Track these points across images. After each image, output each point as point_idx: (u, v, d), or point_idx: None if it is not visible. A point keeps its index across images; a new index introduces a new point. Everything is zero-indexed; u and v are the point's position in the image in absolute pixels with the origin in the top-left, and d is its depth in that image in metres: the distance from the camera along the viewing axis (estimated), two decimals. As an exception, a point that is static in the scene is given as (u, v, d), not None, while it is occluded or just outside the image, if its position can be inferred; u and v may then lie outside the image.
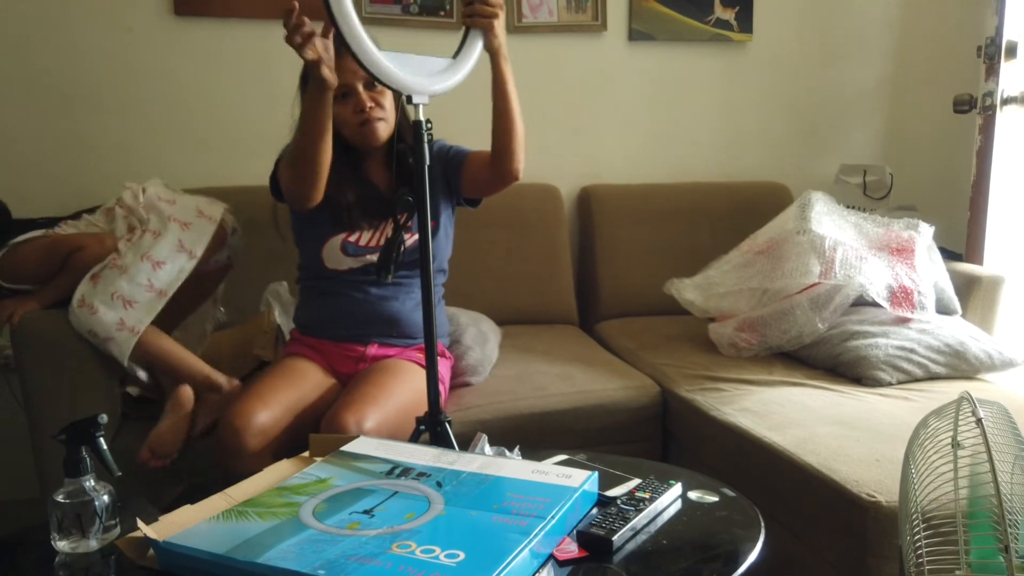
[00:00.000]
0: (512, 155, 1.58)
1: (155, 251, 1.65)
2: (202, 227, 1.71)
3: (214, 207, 1.78)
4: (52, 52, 2.18)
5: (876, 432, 1.48)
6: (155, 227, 1.69)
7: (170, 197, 1.78)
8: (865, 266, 1.94)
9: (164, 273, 1.65)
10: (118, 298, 1.59)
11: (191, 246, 1.69)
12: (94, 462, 1.01)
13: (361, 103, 1.62)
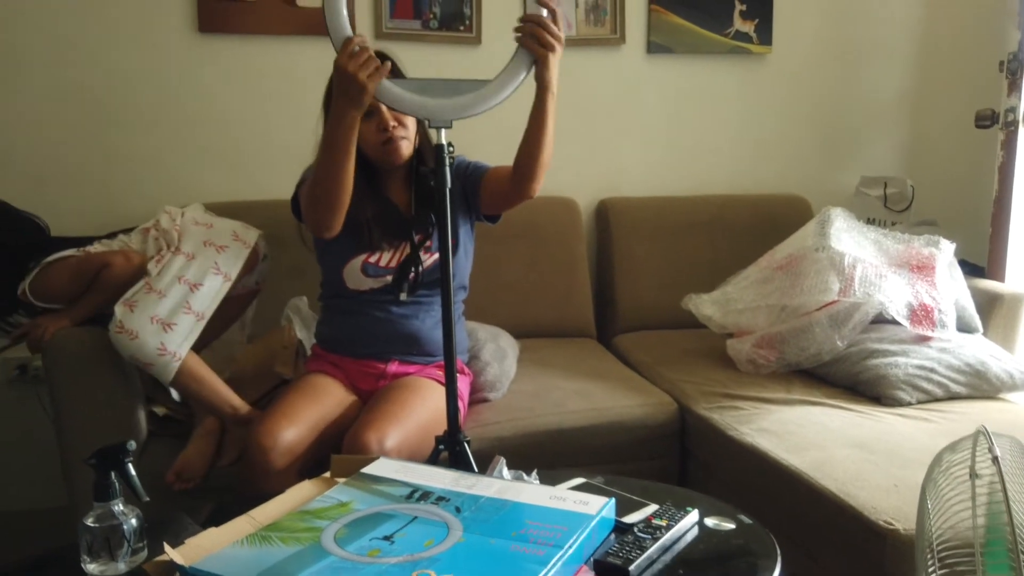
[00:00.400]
0: (534, 179, 1.60)
1: (191, 273, 1.66)
2: (237, 251, 1.73)
3: (249, 232, 1.79)
4: (82, 70, 2.22)
5: (895, 455, 1.48)
6: (190, 250, 1.70)
7: (207, 221, 1.80)
8: (885, 284, 1.94)
9: (201, 295, 1.65)
10: (157, 322, 1.58)
11: (226, 268, 1.70)
12: (123, 487, 1.03)
13: (384, 122, 1.64)
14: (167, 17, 2.25)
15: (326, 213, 1.54)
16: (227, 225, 1.80)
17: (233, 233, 1.76)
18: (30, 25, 2.17)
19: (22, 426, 2.26)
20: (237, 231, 1.77)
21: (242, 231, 1.78)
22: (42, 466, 2.26)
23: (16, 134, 2.21)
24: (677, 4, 2.57)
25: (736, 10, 2.62)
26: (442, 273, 1.38)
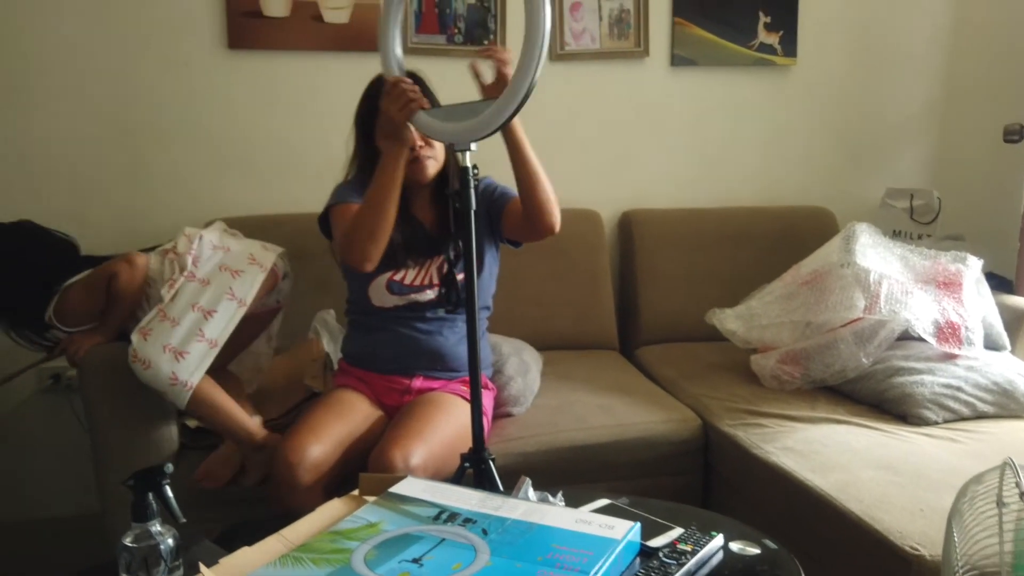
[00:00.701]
0: (544, 211, 1.60)
1: (205, 300, 1.66)
2: (252, 275, 1.72)
3: (266, 254, 1.79)
4: (114, 86, 2.27)
5: (921, 477, 1.47)
6: (204, 275, 1.70)
7: (224, 244, 1.79)
8: (911, 300, 1.93)
9: (215, 322, 1.65)
10: (169, 350, 1.59)
11: (241, 294, 1.69)
12: (160, 508, 1.06)
13: (412, 142, 1.66)
14: (197, 34, 2.29)
15: (368, 243, 1.55)
16: (245, 247, 1.79)
17: (249, 256, 1.75)
18: (62, 44, 2.22)
19: (56, 434, 2.32)
20: (254, 253, 1.76)
21: (260, 253, 1.78)
22: (75, 473, 2.32)
23: (47, 152, 2.26)
24: (701, 17, 2.57)
25: (760, 22, 2.61)
26: (467, 294, 1.41)
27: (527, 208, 1.61)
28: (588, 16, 2.50)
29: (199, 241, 1.75)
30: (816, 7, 2.66)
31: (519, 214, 1.67)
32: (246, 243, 1.82)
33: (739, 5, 2.59)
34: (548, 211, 1.61)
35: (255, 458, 1.67)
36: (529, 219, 1.62)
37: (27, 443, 2.34)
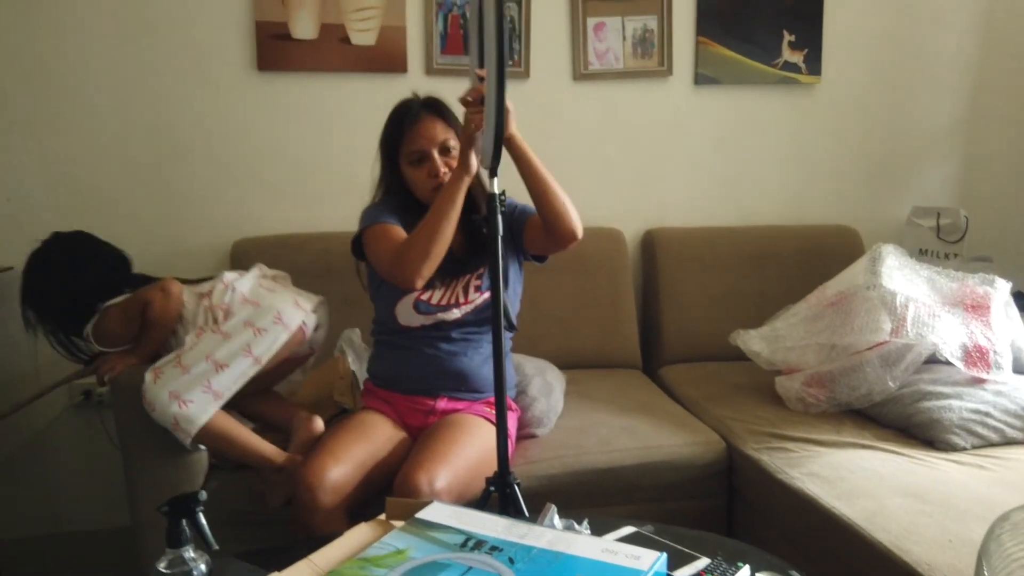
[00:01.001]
0: (562, 218, 1.62)
1: (221, 353, 1.65)
2: (275, 335, 1.70)
3: (295, 312, 1.74)
4: (146, 107, 2.32)
5: (949, 507, 1.46)
6: (228, 329, 1.69)
7: (255, 297, 1.76)
8: (938, 324, 1.91)
9: (225, 376, 1.63)
10: (173, 396, 1.59)
11: (259, 352, 1.67)
12: (193, 533, 1.08)
13: (435, 167, 1.68)
14: (227, 57, 2.33)
15: (424, 264, 1.57)
16: (275, 302, 1.74)
17: (276, 315, 1.71)
18: (95, 67, 2.27)
19: (87, 448, 2.36)
20: (282, 312, 1.71)
21: (289, 311, 1.72)
22: (105, 487, 2.36)
23: (78, 171, 2.31)
24: (725, 36, 2.58)
25: (784, 41, 2.61)
26: (493, 317, 1.41)
27: (545, 218, 1.63)
28: (612, 36, 2.51)
29: (232, 293, 1.74)
30: (841, 25, 2.65)
31: (540, 227, 1.69)
32: (280, 296, 1.78)
33: (763, 24, 2.59)
34: (566, 217, 1.62)
35: (276, 480, 1.69)
36: (549, 229, 1.64)
37: (58, 458, 2.39)
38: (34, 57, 2.24)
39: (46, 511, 2.40)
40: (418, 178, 1.70)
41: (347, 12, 2.35)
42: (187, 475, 1.71)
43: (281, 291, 1.81)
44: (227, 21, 2.32)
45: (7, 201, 2.30)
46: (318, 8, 2.33)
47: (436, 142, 1.68)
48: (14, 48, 2.23)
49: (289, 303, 1.75)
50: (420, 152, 1.69)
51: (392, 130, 1.74)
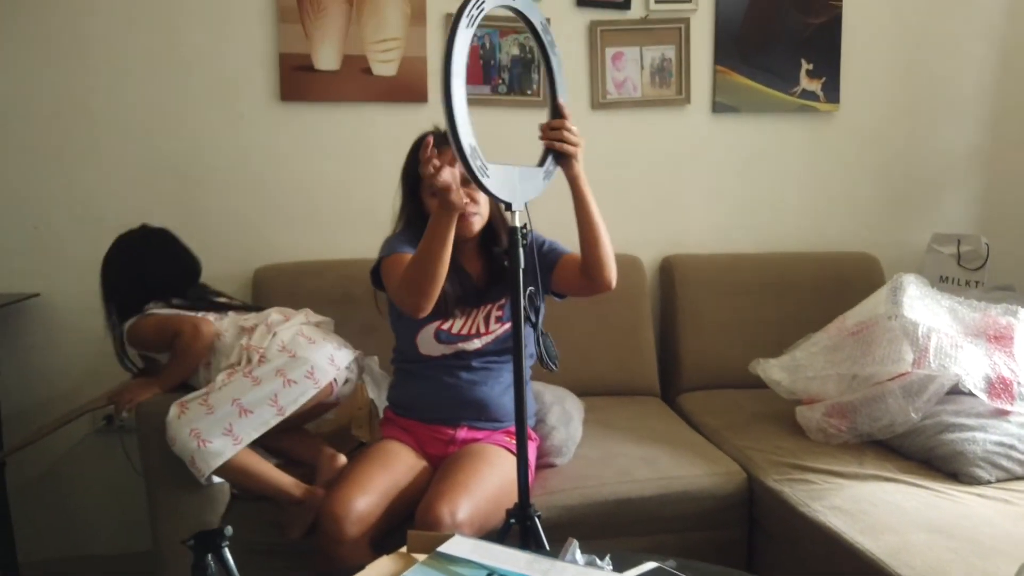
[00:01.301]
0: (603, 266, 1.63)
1: (247, 399, 1.66)
2: (303, 388, 1.71)
3: (327, 370, 1.74)
4: (172, 138, 2.36)
5: (975, 543, 1.44)
6: (260, 374, 1.70)
7: (293, 348, 1.76)
8: (961, 355, 1.90)
9: (247, 422, 1.66)
10: (194, 435, 1.62)
11: (284, 403, 1.68)
12: (219, 569, 1.09)
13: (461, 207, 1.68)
14: (252, 88, 2.38)
15: (421, 299, 1.57)
16: (312, 355, 1.74)
17: (309, 370, 1.72)
18: (126, 100, 2.32)
19: (108, 473, 2.38)
20: (315, 368, 1.72)
21: (321, 367, 1.73)
22: (126, 512, 2.39)
23: (112, 201, 2.35)
24: (743, 65, 2.60)
25: (803, 69, 2.63)
26: (514, 348, 1.42)
27: (588, 263, 1.64)
28: (630, 66, 2.53)
29: (271, 339, 1.76)
30: (859, 53, 2.66)
31: (574, 270, 1.69)
32: (317, 350, 1.77)
33: (781, 53, 2.61)
34: (607, 267, 1.64)
35: (295, 512, 1.69)
36: (588, 274, 1.65)
37: (80, 482, 2.41)
38: (66, 91, 2.30)
39: (67, 534, 2.43)
40: None
41: (369, 44, 2.39)
42: (209, 504, 1.73)
43: (320, 343, 1.80)
44: (252, 53, 2.36)
45: (35, 229, 2.35)
46: (341, 40, 2.37)
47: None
48: (46, 83, 2.29)
49: (324, 359, 1.76)
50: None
51: (413, 161, 1.76)
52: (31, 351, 2.35)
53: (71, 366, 2.36)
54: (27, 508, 2.34)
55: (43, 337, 2.35)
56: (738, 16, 2.57)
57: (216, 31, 2.34)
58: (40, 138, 2.31)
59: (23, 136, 2.30)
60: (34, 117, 2.29)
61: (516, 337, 1.41)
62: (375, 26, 2.39)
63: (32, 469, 2.35)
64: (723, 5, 2.56)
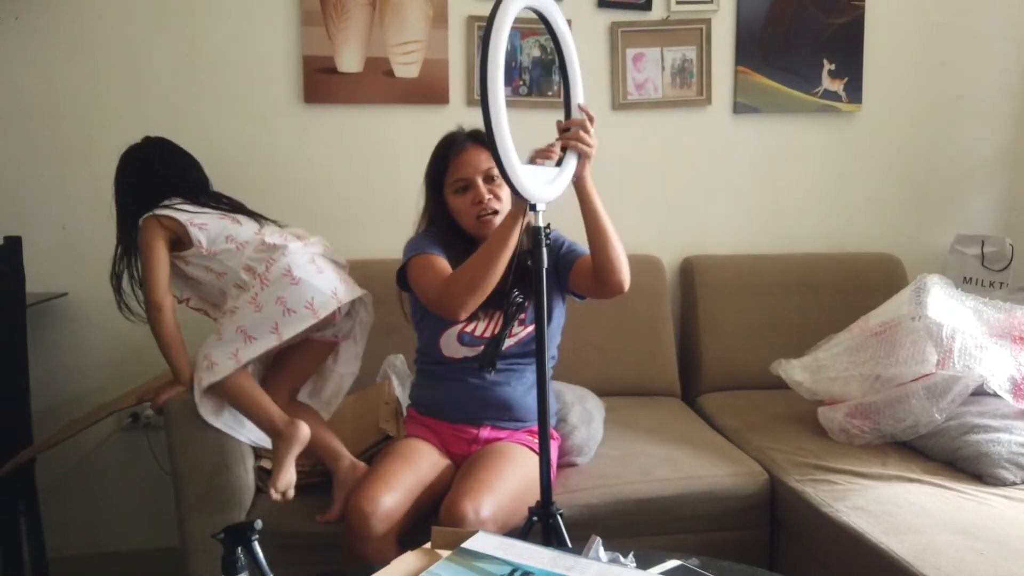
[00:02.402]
0: (614, 268, 1.62)
1: (249, 324, 1.72)
2: (302, 317, 1.73)
3: (327, 303, 1.75)
4: (196, 139, 2.37)
5: (1001, 544, 1.43)
6: (262, 299, 1.74)
7: (297, 276, 1.76)
8: (986, 356, 1.88)
9: (252, 347, 1.72)
10: (207, 361, 1.72)
11: (283, 330, 1.71)
12: (248, 562, 1.10)
13: (480, 195, 1.71)
14: (275, 90, 2.41)
15: (471, 297, 1.57)
16: (317, 284, 1.75)
17: (308, 301, 1.73)
18: (155, 102, 2.36)
19: (133, 470, 2.42)
20: (314, 300, 1.73)
21: (321, 300, 1.74)
22: (151, 508, 2.42)
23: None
24: (764, 65, 2.59)
25: (824, 70, 2.62)
26: (538, 348, 1.43)
27: (597, 264, 1.63)
28: (651, 67, 2.54)
29: (277, 262, 1.76)
30: (881, 53, 2.65)
31: (588, 271, 1.68)
32: (322, 280, 1.77)
33: (802, 53, 2.60)
34: (617, 269, 1.62)
35: (277, 445, 1.72)
36: (599, 277, 1.64)
37: (107, 479, 2.45)
38: (92, 93, 2.34)
39: (95, 531, 2.46)
40: (462, 206, 1.73)
41: (391, 46, 2.41)
42: (236, 499, 1.75)
43: (328, 274, 1.80)
44: (275, 56, 2.39)
45: (62, 230, 2.39)
46: (363, 43, 2.40)
47: (480, 170, 1.71)
48: (73, 84, 2.33)
49: (328, 290, 1.76)
50: (465, 180, 1.72)
51: (438, 161, 1.78)
52: (59, 349, 2.39)
53: (98, 364, 2.40)
54: (55, 505, 2.38)
55: (71, 336, 2.39)
56: (759, 16, 2.57)
57: (240, 34, 2.37)
58: (67, 139, 2.35)
59: (50, 137, 2.34)
60: (61, 118, 2.33)
61: (539, 337, 1.42)
62: (397, 29, 2.41)
63: (60, 466, 2.39)
64: (744, 6, 2.56)
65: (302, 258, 1.79)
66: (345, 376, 2.00)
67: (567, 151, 1.51)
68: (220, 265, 1.80)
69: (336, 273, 1.83)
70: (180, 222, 1.78)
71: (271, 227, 1.90)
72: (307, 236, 1.89)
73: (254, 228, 1.86)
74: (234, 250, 1.80)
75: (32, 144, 2.34)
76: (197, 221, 1.79)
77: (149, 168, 1.87)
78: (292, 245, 1.80)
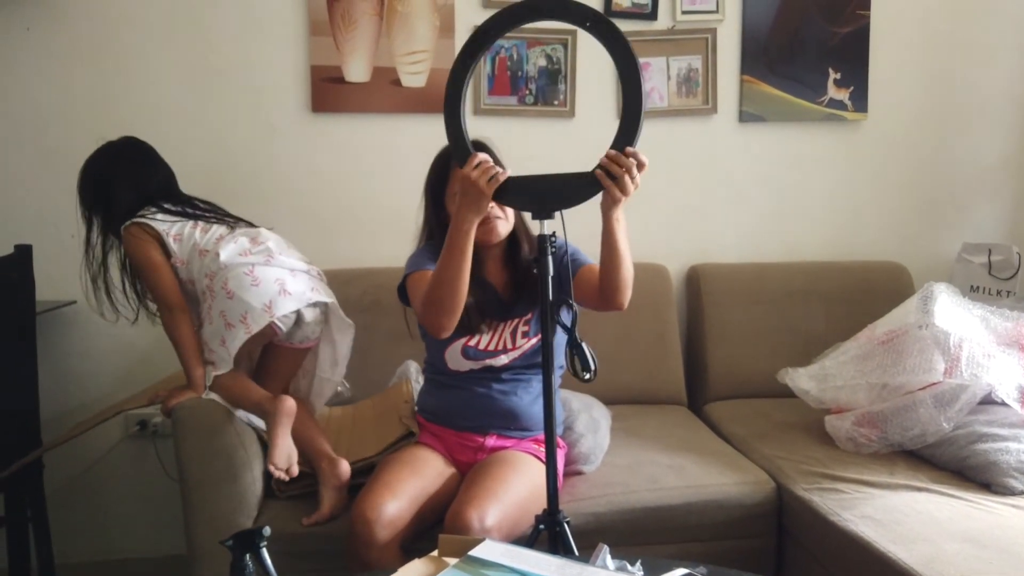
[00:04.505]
0: (619, 291, 1.61)
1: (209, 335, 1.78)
2: (237, 333, 1.74)
3: (260, 317, 1.73)
4: (205, 148, 2.41)
5: (1010, 554, 1.43)
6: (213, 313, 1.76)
7: (231, 289, 1.74)
8: (993, 364, 1.88)
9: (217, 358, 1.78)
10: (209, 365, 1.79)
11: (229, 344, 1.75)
12: (256, 568, 1.11)
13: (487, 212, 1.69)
14: (284, 99, 2.42)
15: (443, 317, 1.57)
16: (249, 299, 1.74)
17: (242, 315, 1.73)
18: (164, 111, 2.38)
19: (141, 477, 2.43)
20: (248, 314, 1.73)
21: (255, 315, 1.73)
22: (158, 515, 2.42)
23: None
24: (769, 74, 2.60)
25: (830, 79, 2.62)
26: (543, 357, 1.44)
27: (604, 282, 1.61)
28: (656, 76, 2.55)
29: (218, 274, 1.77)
30: (887, 62, 2.65)
31: (590, 284, 1.67)
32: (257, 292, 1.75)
33: (808, 62, 2.61)
34: (622, 291, 1.61)
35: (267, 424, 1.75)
36: (603, 294, 1.63)
37: (114, 486, 2.45)
38: (102, 102, 2.36)
39: (102, 537, 2.47)
40: None
41: (398, 56, 2.43)
42: (243, 506, 1.75)
43: (264, 286, 1.76)
44: (284, 65, 2.41)
45: (71, 238, 2.39)
46: (371, 52, 2.41)
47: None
48: (83, 93, 2.35)
49: (258, 307, 1.74)
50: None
51: (438, 172, 1.76)
52: (68, 357, 2.41)
53: (106, 371, 2.41)
54: (63, 511, 2.38)
55: (79, 343, 2.41)
56: (765, 26, 2.58)
57: (249, 44, 2.39)
58: (77, 148, 2.34)
59: (60, 145, 2.36)
60: (72, 127, 2.35)
61: (545, 346, 1.43)
62: (404, 39, 2.42)
63: (68, 473, 2.40)
64: (750, 15, 2.57)
65: (238, 270, 1.77)
66: (325, 381, 2.01)
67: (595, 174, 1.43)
68: (189, 274, 1.83)
69: (277, 283, 1.78)
70: (159, 232, 1.81)
71: (241, 229, 1.89)
72: (263, 240, 1.86)
73: (218, 234, 1.84)
74: (197, 259, 1.82)
75: (43, 153, 2.36)
76: (173, 232, 1.82)
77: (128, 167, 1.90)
78: (225, 256, 1.78)
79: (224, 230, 1.87)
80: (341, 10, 2.39)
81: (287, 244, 1.94)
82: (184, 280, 1.84)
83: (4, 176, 2.36)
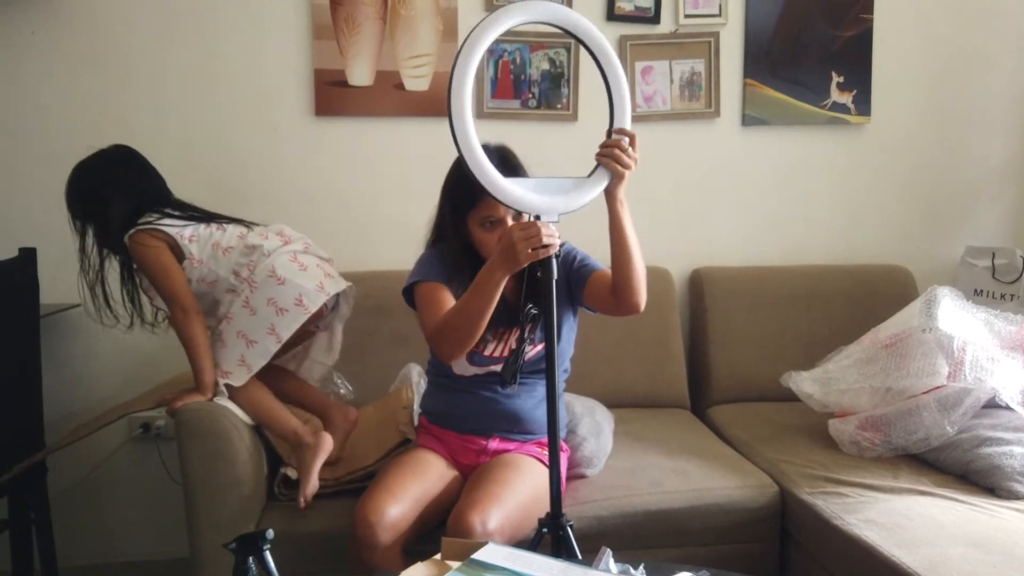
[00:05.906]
0: (633, 289, 1.60)
1: (248, 330, 1.77)
2: (295, 315, 1.77)
3: (316, 297, 1.79)
4: (208, 151, 2.42)
5: (1014, 558, 1.42)
6: (254, 303, 1.77)
7: (284, 274, 1.78)
8: (997, 368, 1.88)
9: (255, 352, 1.76)
10: (220, 372, 1.77)
11: (280, 331, 1.76)
12: (259, 571, 1.11)
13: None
14: (287, 103, 2.43)
15: (456, 348, 1.59)
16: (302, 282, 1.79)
17: (297, 298, 1.77)
18: (168, 115, 2.39)
19: (144, 480, 2.43)
20: (303, 295, 1.77)
21: (309, 295, 1.78)
22: (161, 518, 2.42)
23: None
24: (772, 78, 2.60)
25: (833, 82, 2.62)
26: (547, 362, 1.44)
27: (617, 284, 1.61)
28: (659, 79, 2.55)
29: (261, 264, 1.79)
30: (890, 66, 2.65)
31: (604, 287, 1.66)
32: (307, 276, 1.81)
33: (811, 66, 2.61)
34: (636, 290, 1.60)
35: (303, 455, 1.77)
36: (619, 294, 1.62)
37: (117, 489, 2.46)
38: (106, 105, 2.36)
39: (104, 540, 2.47)
40: (489, 242, 1.67)
41: (402, 59, 2.43)
42: (247, 510, 1.75)
43: (312, 270, 1.83)
44: (287, 69, 2.41)
45: (75, 242, 2.41)
46: (374, 56, 2.42)
47: (512, 210, 1.58)
48: (86, 96, 2.35)
49: (313, 286, 1.80)
50: (497, 218, 1.66)
51: (466, 189, 1.64)
52: (72, 360, 2.41)
53: (110, 374, 2.42)
54: (66, 514, 2.38)
55: (84, 346, 2.41)
56: (768, 29, 2.58)
57: (253, 47, 2.40)
58: (80, 150, 2.35)
59: (65, 148, 2.34)
60: (74, 130, 2.35)
61: (549, 351, 1.43)
62: (408, 42, 2.43)
63: (71, 476, 2.40)
64: (753, 19, 2.57)
65: (283, 257, 1.82)
66: (316, 365, 2.03)
67: (599, 167, 1.49)
68: (211, 274, 1.83)
69: (319, 268, 1.87)
70: (171, 236, 1.80)
71: (258, 229, 1.91)
72: (288, 234, 1.91)
73: (238, 232, 1.88)
74: (221, 256, 1.82)
75: (47, 156, 2.36)
76: (187, 234, 1.82)
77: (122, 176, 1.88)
78: (269, 244, 1.83)
79: (243, 228, 1.89)
80: (344, 14, 2.39)
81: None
82: (197, 280, 1.83)
83: (9, 179, 2.36)
